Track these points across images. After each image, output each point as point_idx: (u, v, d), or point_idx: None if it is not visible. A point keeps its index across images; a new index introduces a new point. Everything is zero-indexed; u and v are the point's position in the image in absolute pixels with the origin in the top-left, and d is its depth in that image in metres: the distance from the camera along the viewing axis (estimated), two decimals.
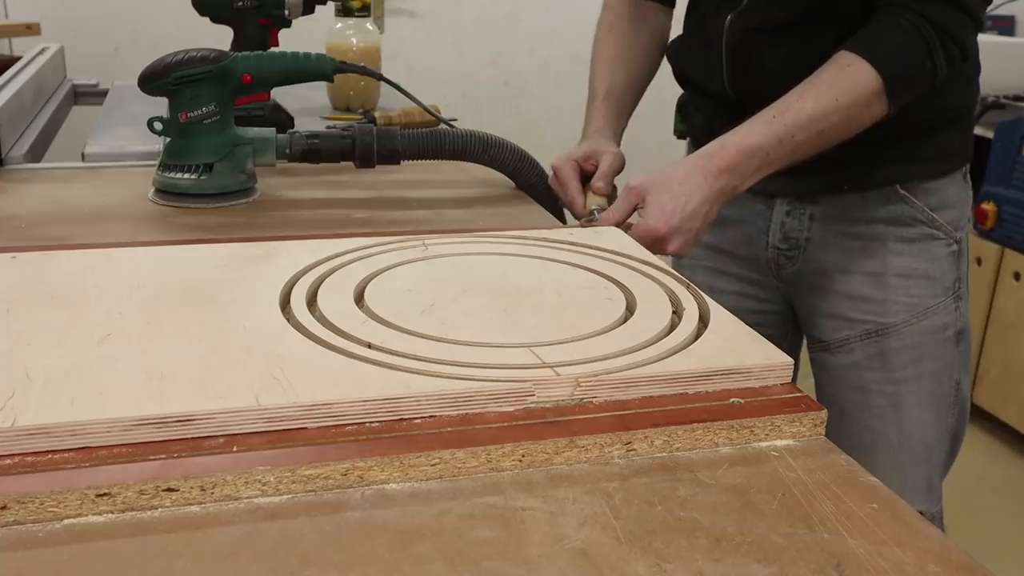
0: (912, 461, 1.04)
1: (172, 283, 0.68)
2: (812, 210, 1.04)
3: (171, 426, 0.50)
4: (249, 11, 1.27)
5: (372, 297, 0.67)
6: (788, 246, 1.07)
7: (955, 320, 1.03)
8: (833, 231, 1.04)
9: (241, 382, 0.53)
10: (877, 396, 1.04)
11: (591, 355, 0.59)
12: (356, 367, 0.56)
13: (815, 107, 0.87)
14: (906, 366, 1.03)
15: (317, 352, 0.58)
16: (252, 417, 0.51)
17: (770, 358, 0.60)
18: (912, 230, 1.01)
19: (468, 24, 2.99)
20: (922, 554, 0.45)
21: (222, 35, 1.28)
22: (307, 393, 0.52)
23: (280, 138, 1.01)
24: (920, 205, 1.00)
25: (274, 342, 0.59)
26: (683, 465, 0.52)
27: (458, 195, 1.10)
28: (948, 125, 1.01)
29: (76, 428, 0.48)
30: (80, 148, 1.23)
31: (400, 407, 0.53)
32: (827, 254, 1.05)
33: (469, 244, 0.81)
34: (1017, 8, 2.86)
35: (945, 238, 1.02)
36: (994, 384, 2.41)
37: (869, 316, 1.03)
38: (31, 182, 1.09)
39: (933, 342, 1.03)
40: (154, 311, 0.63)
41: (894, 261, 1.01)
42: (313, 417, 0.51)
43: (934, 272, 1.02)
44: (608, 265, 0.77)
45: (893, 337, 1.02)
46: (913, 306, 1.02)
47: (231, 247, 0.77)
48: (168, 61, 0.96)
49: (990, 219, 2.35)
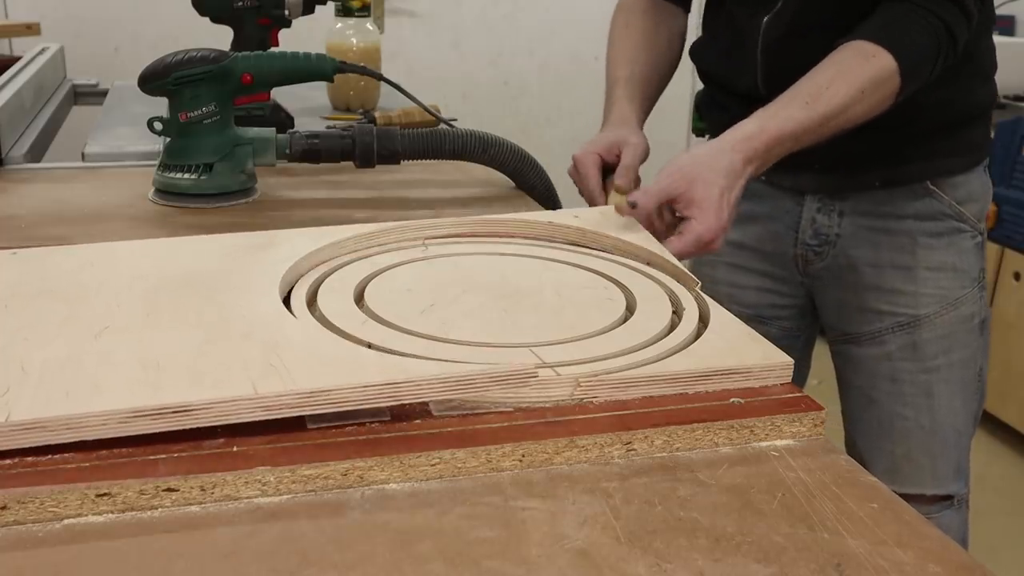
0: (943, 446, 1.07)
1: (172, 274, 0.68)
2: (842, 206, 1.06)
3: (167, 417, 0.49)
4: (249, 11, 1.27)
5: (372, 297, 0.67)
6: (818, 242, 1.09)
7: (980, 309, 1.07)
8: (863, 226, 1.06)
9: (238, 370, 0.53)
10: (909, 385, 1.06)
11: (591, 355, 0.59)
12: (354, 352, 0.56)
13: (845, 96, 0.87)
14: (937, 355, 1.06)
15: (315, 339, 0.58)
16: (249, 406, 0.50)
17: (770, 358, 0.60)
18: (940, 224, 1.04)
19: (468, 24, 2.99)
20: (922, 554, 0.45)
21: (222, 35, 1.28)
22: (305, 380, 0.51)
23: (280, 138, 1.01)
24: (947, 200, 1.03)
25: (272, 330, 0.59)
26: (683, 465, 0.52)
27: (458, 195, 1.10)
28: (973, 120, 1.04)
29: (71, 422, 0.48)
30: (80, 148, 1.23)
31: (400, 392, 0.52)
32: (857, 249, 1.07)
33: (469, 244, 0.81)
34: (1017, 8, 2.86)
35: (971, 230, 1.05)
36: (994, 384, 2.39)
37: (901, 308, 1.06)
38: (31, 182, 1.09)
39: (962, 331, 1.06)
40: (153, 302, 0.63)
41: (924, 255, 1.04)
42: (312, 405, 0.51)
43: (961, 264, 1.04)
44: (608, 265, 0.77)
45: (925, 328, 1.05)
46: (943, 297, 1.05)
47: (233, 237, 0.77)
48: (168, 61, 0.95)
49: (990, 219, 2.35)
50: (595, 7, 3.10)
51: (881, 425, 1.09)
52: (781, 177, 1.07)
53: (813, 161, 0.97)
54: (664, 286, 0.72)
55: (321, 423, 0.52)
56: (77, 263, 0.70)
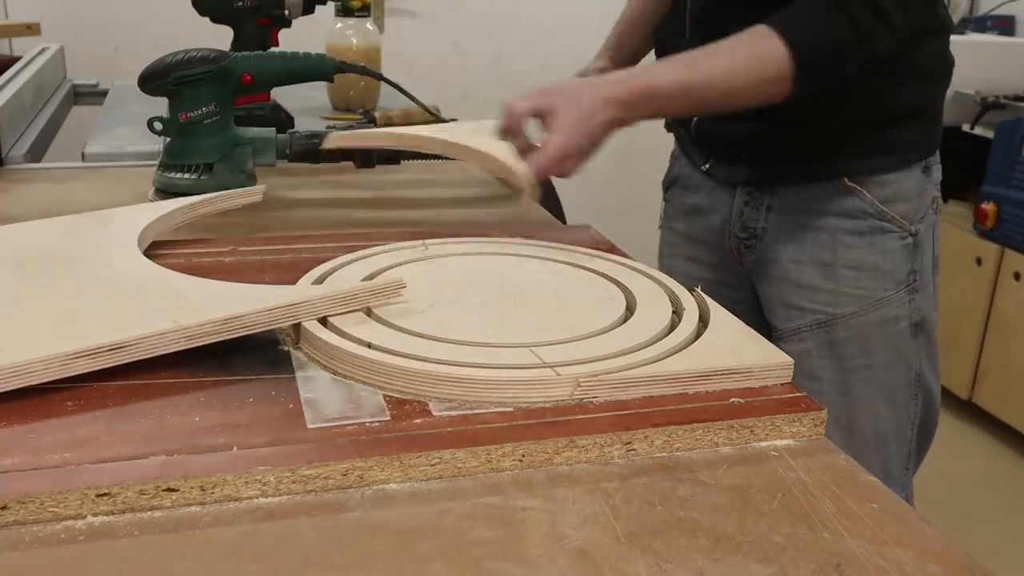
0: (864, 449, 1.06)
1: (26, 254, 0.71)
2: (770, 200, 1.06)
3: (104, 355, 0.54)
4: (249, 11, 1.27)
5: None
6: (747, 235, 1.09)
7: (910, 312, 1.05)
8: (788, 222, 1.06)
9: (152, 312, 0.58)
10: (827, 384, 1.06)
11: (591, 355, 0.59)
12: (249, 288, 0.63)
13: (724, 70, 0.87)
14: (855, 356, 1.04)
15: (202, 283, 0.64)
16: (175, 337, 0.56)
17: (770, 358, 0.60)
18: (862, 223, 1.03)
19: (468, 24, 2.99)
20: (922, 554, 0.45)
21: (222, 35, 1.28)
22: (218, 312, 0.58)
23: (280, 138, 1.01)
24: (870, 198, 1.02)
25: (160, 281, 0.64)
26: (683, 465, 0.52)
27: (458, 195, 1.10)
28: (901, 119, 1.02)
29: (17, 369, 0.52)
30: (80, 148, 1.23)
31: (299, 311, 0.60)
32: (781, 244, 1.07)
33: (469, 244, 0.81)
34: (1017, 8, 2.86)
35: (898, 231, 1.03)
36: (994, 384, 2.41)
37: (819, 306, 1.05)
38: (31, 182, 1.09)
39: (884, 333, 1.04)
40: (27, 277, 0.66)
41: (844, 253, 1.03)
42: (227, 330, 0.58)
43: (885, 264, 1.03)
44: (608, 265, 0.77)
45: (841, 327, 1.04)
46: (862, 298, 1.03)
47: (64, 219, 0.80)
48: (168, 61, 0.95)
49: (990, 219, 2.34)
50: (595, 7, 3.10)
51: None
52: (717, 168, 1.09)
53: (740, 152, 1.03)
54: (664, 286, 0.72)
55: (320, 423, 0.52)
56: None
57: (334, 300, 0.62)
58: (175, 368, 0.57)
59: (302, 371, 0.58)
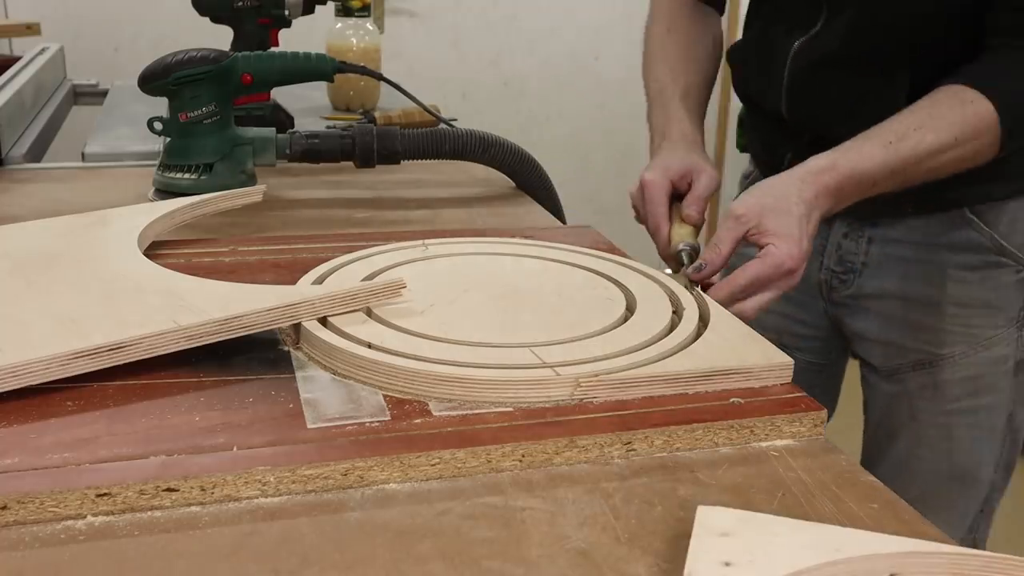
0: (961, 493, 1.01)
1: (26, 254, 0.71)
2: (871, 232, 0.99)
3: (103, 355, 0.54)
4: (249, 11, 1.27)
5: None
6: (843, 269, 1.02)
7: (1016, 350, 0.98)
8: (891, 255, 0.99)
9: (152, 312, 0.58)
10: (928, 426, 1.00)
11: (591, 355, 0.59)
12: (248, 289, 0.63)
13: (934, 142, 0.80)
14: (960, 398, 0.98)
15: (202, 283, 0.64)
16: (174, 337, 0.56)
17: (770, 358, 0.60)
18: (977, 257, 0.96)
19: (468, 24, 2.99)
20: None
21: (222, 35, 1.28)
22: (218, 312, 0.58)
23: (280, 138, 1.01)
24: (988, 232, 0.94)
25: (160, 281, 0.64)
26: (683, 465, 0.52)
27: (458, 195, 1.10)
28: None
29: (17, 369, 0.52)
30: (80, 148, 1.23)
31: (298, 311, 0.61)
32: (883, 279, 1.00)
33: (469, 244, 0.81)
34: None
35: (1014, 264, 0.96)
36: None
37: (923, 345, 0.98)
38: (31, 182, 1.09)
39: (992, 374, 0.98)
40: (26, 278, 0.66)
41: (953, 289, 0.96)
42: (228, 330, 0.58)
43: (997, 301, 0.96)
44: (608, 265, 0.77)
45: (947, 368, 0.98)
46: (972, 336, 0.97)
47: (64, 219, 0.81)
48: (168, 61, 0.95)
49: None
50: (595, 7, 3.11)
51: (900, 462, 1.02)
52: None
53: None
54: (664, 286, 0.72)
55: (320, 423, 0.52)
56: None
57: (334, 300, 0.62)
58: (175, 368, 0.57)
59: (302, 371, 0.58)
